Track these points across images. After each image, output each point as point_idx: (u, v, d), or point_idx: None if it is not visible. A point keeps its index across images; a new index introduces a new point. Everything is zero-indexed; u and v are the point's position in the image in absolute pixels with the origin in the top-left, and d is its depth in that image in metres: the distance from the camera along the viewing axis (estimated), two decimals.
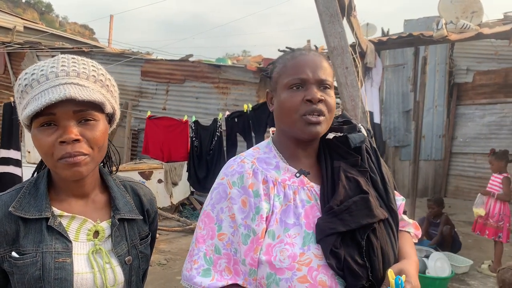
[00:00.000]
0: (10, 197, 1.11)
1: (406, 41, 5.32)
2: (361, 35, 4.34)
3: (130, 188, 1.30)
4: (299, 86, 1.21)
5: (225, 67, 9.02)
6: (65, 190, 1.16)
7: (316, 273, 1.10)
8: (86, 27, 41.87)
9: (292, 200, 1.18)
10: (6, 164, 4.92)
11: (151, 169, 7.69)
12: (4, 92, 10.96)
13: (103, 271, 1.13)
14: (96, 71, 1.13)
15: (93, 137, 1.09)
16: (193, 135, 5.70)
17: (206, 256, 1.17)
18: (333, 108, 1.24)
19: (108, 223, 1.19)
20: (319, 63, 1.24)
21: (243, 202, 1.16)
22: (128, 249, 1.20)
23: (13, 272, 1.06)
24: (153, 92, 9.60)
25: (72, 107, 1.05)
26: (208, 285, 1.13)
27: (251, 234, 1.14)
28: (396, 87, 10.05)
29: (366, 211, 1.16)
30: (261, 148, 1.30)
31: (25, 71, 1.11)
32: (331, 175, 1.23)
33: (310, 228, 1.15)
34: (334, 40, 3.03)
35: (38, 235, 1.08)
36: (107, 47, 13.35)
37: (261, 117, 5.41)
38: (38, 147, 1.08)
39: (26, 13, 33.54)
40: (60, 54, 1.15)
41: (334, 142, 1.31)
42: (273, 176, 1.21)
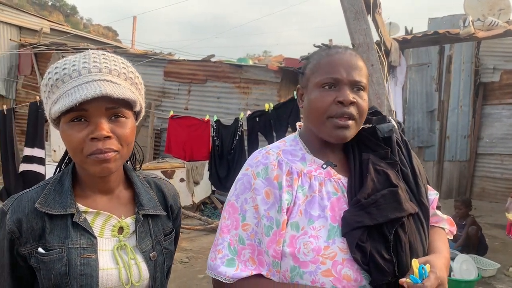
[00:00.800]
0: (36, 193, 1.11)
1: (432, 39, 5.23)
2: (385, 33, 4.29)
3: (154, 184, 1.30)
4: (331, 86, 1.18)
5: (246, 67, 9.03)
6: (90, 186, 1.16)
7: (341, 267, 1.08)
8: (110, 28, 42.57)
9: (318, 192, 1.16)
10: (30, 162, 5.02)
11: (173, 168, 7.76)
12: (31, 93, 11.22)
13: (128, 267, 1.13)
14: (126, 69, 1.13)
15: (123, 134, 1.08)
16: (215, 134, 5.72)
17: (230, 246, 1.16)
18: (365, 111, 1.20)
19: (132, 219, 1.19)
20: (355, 63, 1.19)
21: (267, 194, 1.15)
22: (153, 245, 1.19)
23: (40, 268, 1.06)
24: (176, 92, 9.69)
25: (105, 104, 1.04)
26: (232, 275, 1.13)
27: (274, 226, 1.13)
28: (420, 87, 9.89)
29: (395, 204, 1.13)
30: (287, 141, 1.28)
31: (54, 65, 1.10)
32: (359, 167, 1.20)
33: (336, 221, 1.13)
34: (359, 37, 2.99)
35: (63, 231, 1.08)
36: (131, 48, 13.53)
37: (282, 116, 5.40)
38: (67, 142, 1.07)
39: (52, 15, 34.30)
40: (90, 50, 1.14)
41: (363, 134, 1.27)
42: (299, 167, 1.19)
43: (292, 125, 5.30)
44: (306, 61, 1.29)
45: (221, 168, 5.64)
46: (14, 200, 1.11)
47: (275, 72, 8.61)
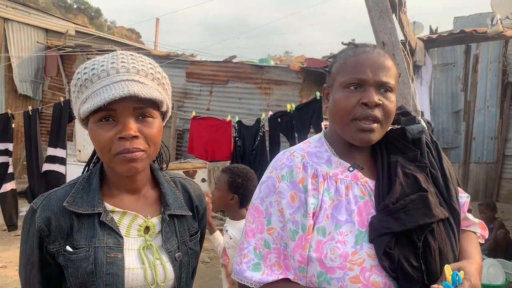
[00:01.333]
0: (64, 192, 1.13)
1: (458, 39, 5.12)
2: (410, 32, 4.21)
3: (179, 184, 1.30)
4: (356, 87, 1.14)
5: (267, 67, 9.02)
6: (117, 186, 1.17)
7: (369, 273, 1.04)
8: (133, 30, 43.18)
9: (344, 195, 1.12)
10: (52, 162, 5.10)
11: (195, 168, 7.81)
12: (57, 94, 11.48)
13: (154, 267, 1.12)
14: (153, 69, 1.13)
15: (150, 134, 1.09)
16: (236, 135, 5.73)
17: (256, 250, 1.14)
18: (392, 114, 1.15)
19: (158, 219, 1.19)
20: (382, 62, 1.15)
21: (292, 197, 1.13)
22: (178, 245, 1.19)
23: (68, 265, 1.08)
24: (198, 93, 9.76)
25: (132, 104, 1.05)
26: (258, 280, 1.11)
27: (300, 231, 1.10)
28: (445, 87, 9.70)
29: (424, 210, 1.08)
30: (312, 142, 1.25)
31: (83, 66, 1.11)
32: (387, 170, 1.16)
33: (364, 226, 1.09)
34: (384, 36, 2.94)
35: (91, 230, 1.09)
36: (153, 50, 13.70)
37: (304, 117, 5.35)
38: (95, 142, 1.08)
39: (77, 18, 35.00)
40: (118, 50, 1.14)
41: (391, 135, 1.23)
42: (324, 170, 1.16)
43: (314, 126, 5.25)
44: (333, 60, 1.26)
45: None
46: (44, 198, 1.12)
47: (297, 73, 8.57)
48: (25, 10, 11.45)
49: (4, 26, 10.89)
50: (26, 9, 11.55)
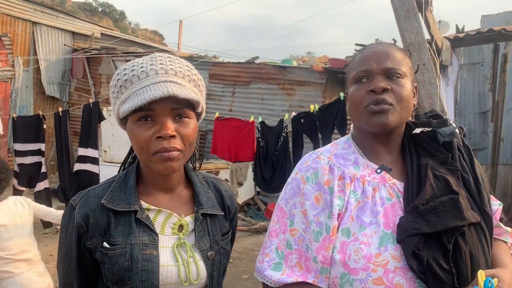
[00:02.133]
0: (102, 190, 1.16)
1: (486, 37, 5.01)
2: (436, 32, 4.14)
3: (212, 184, 1.32)
4: (364, 78, 1.17)
5: (290, 68, 9.01)
6: (153, 184, 1.19)
7: (393, 275, 1.03)
8: (156, 32, 43.75)
9: (371, 197, 1.12)
10: (83, 162, 5.22)
11: (217, 169, 7.85)
12: (83, 95, 11.73)
13: (187, 264, 1.15)
14: (190, 71, 1.16)
15: (187, 134, 1.11)
16: (259, 135, 5.73)
17: (278, 250, 1.15)
18: (404, 97, 1.14)
19: (191, 218, 1.21)
20: (387, 52, 1.18)
21: (316, 199, 1.13)
22: (211, 244, 1.21)
23: (104, 261, 1.10)
24: (220, 94, 9.81)
25: (170, 104, 1.08)
26: (278, 280, 1.12)
27: (324, 232, 1.10)
28: (472, 87, 9.48)
29: (455, 212, 1.07)
30: (339, 144, 1.25)
31: (123, 67, 1.15)
32: (417, 172, 1.15)
33: (389, 227, 1.08)
34: (411, 36, 2.90)
35: (127, 227, 1.12)
36: (177, 52, 13.84)
37: (327, 118, 5.32)
38: (134, 141, 1.12)
39: (102, 21, 35.67)
40: (156, 53, 1.18)
41: (421, 138, 1.22)
42: (351, 172, 1.16)
43: (338, 127, 5.21)
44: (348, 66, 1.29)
45: (266, 170, 5.64)
46: (82, 196, 1.16)
47: (320, 73, 8.53)
48: (53, 13, 11.76)
49: (33, 30, 11.20)
50: (54, 12, 11.85)
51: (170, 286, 1.13)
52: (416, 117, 1.30)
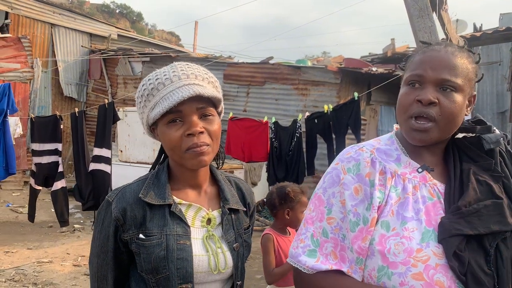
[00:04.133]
0: (137, 186, 1.26)
1: (503, 36, 4.92)
2: (452, 30, 4.08)
3: (234, 183, 1.43)
4: (416, 83, 1.13)
5: (305, 68, 8.99)
6: (182, 181, 1.29)
7: (434, 272, 1.02)
8: (173, 33, 44.06)
9: (412, 195, 1.11)
10: (98, 161, 5.30)
11: (231, 169, 7.88)
12: (100, 96, 11.90)
13: (216, 255, 1.24)
14: (207, 74, 1.28)
15: (213, 130, 1.23)
16: (273, 136, 5.73)
17: (313, 237, 1.15)
18: (451, 115, 1.10)
19: (218, 212, 1.31)
20: (447, 60, 1.11)
21: (356, 190, 1.12)
22: (235, 237, 1.31)
23: (140, 252, 1.19)
24: (235, 94, 9.84)
25: (196, 104, 1.19)
26: (312, 266, 1.11)
27: (361, 223, 1.09)
28: (489, 86, 9.34)
29: (498, 217, 1.05)
30: (382, 140, 1.24)
31: (147, 78, 1.26)
32: (459, 176, 1.13)
33: (431, 225, 1.07)
34: (424, 35, 2.86)
35: (162, 219, 1.21)
36: (192, 53, 13.93)
37: (341, 118, 5.29)
38: (166, 141, 1.22)
39: (119, 22, 36.12)
40: (175, 62, 1.29)
41: (464, 143, 1.20)
42: (392, 168, 1.15)
43: (352, 127, 5.18)
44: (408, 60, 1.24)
45: (279, 170, 5.64)
46: (118, 192, 1.26)
47: (335, 73, 8.49)
48: (71, 15, 11.96)
49: (52, 32, 11.40)
50: (72, 14, 12.05)
51: (201, 274, 1.22)
52: None
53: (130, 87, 11.33)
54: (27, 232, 6.65)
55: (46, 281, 4.73)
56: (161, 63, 10.90)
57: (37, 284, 4.66)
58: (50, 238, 6.36)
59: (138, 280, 1.24)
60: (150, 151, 7.49)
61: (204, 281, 1.24)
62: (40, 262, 5.28)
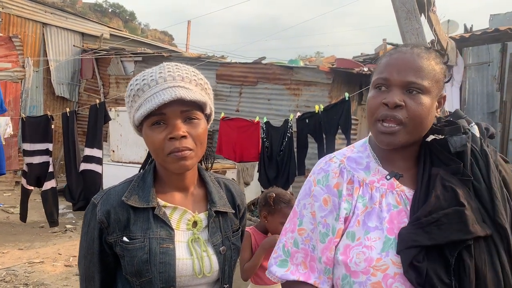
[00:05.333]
0: (122, 188, 1.25)
1: (492, 37, 4.99)
2: (440, 32, 4.13)
3: (223, 184, 1.41)
4: (383, 87, 1.12)
5: (297, 68, 9.01)
6: (168, 183, 1.28)
7: (392, 281, 1.04)
8: (166, 33, 43.92)
9: (378, 203, 1.12)
10: (88, 162, 5.29)
11: (224, 169, 7.89)
12: (92, 95, 11.85)
13: (201, 258, 1.23)
14: (196, 76, 1.25)
15: (197, 134, 1.20)
16: (264, 136, 5.75)
17: (284, 247, 1.19)
18: (419, 117, 1.09)
19: (205, 215, 1.30)
20: (413, 62, 1.11)
21: (325, 201, 1.15)
22: (222, 239, 1.30)
23: (124, 255, 1.19)
24: (227, 94, 9.85)
25: (180, 107, 1.17)
26: (281, 276, 1.16)
27: (330, 233, 1.12)
28: (480, 87, 9.42)
29: (459, 225, 1.02)
30: (356, 147, 1.25)
31: (135, 78, 1.25)
32: (427, 182, 1.12)
33: (393, 233, 1.08)
34: (411, 37, 2.90)
35: (145, 222, 1.20)
36: (185, 52, 13.91)
37: (332, 118, 5.31)
38: (150, 144, 1.21)
39: (112, 21, 35.93)
40: (165, 62, 1.27)
41: (435, 146, 1.18)
42: (361, 176, 1.16)
43: (342, 127, 5.21)
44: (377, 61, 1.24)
45: (270, 170, 5.65)
46: (104, 194, 1.25)
47: (327, 73, 8.52)
48: (63, 15, 11.89)
49: (43, 31, 11.33)
50: (63, 14, 11.98)
51: (185, 278, 1.21)
52: (437, 120, 1.23)
53: (122, 87, 11.29)
54: (18, 232, 6.61)
55: (37, 282, 4.72)
56: (153, 63, 10.87)
57: (28, 285, 4.64)
58: (41, 239, 6.33)
59: (124, 282, 1.24)
60: (143, 151, 7.47)
61: (189, 285, 1.23)
62: (31, 263, 5.26)
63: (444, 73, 1.18)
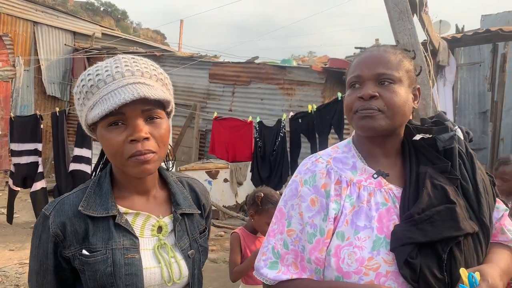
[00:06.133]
0: (77, 197, 1.13)
1: (483, 38, 5.02)
2: (433, 32, 4.15)
3: (186, 184, 1.32)
4: (356, 84, 1.17)
5: (290, 68, 9.03)
6: (128, 188, 1.17)
7: (385, 279, 1.05)
8: (158, 32, 43.76)
9: (366, 202, 1.13)
10: (78, 162, 5.26)
11: (217, 168, 7.88)
12: None
13: (169, 265, 1.15)
14: (156, 70, 1.14)
15: (160, 135, 1.10)
16: (257, 135, 5.74)
17: (274, 249, 1.18)
18: (395, 103, 1.12)
19: (170, 218, 1.21)
20: (380, 57, 1.16)
21: (312, 201, 1.15)
22: (190, 243, 1.22)
23: (85, 269, 1.08)
24: (220, 94, 9.83)
25: (141, 106, 1.06)
26: (273, 277, 1.15)
27: (318, 234, 1.12)
28: (471, 87, 9.49)
29: (451, 222, 1.06)
30: (340, 147, 1.26)
31: (87, 73, 1.11)
32: (415, 180, 1.15)
33: (382, 232, 1.09)
34: (404, 38, 2.91)
35: (106, 232, 1.10)
36: (178, 51, 13.87)
37: (325, 118, 5.32)
38: (107, 146, 1.09)
39: (104, 20, 35.69)
40: (120, 55, 1.15)
41: (422, 145, 1.21)
42: (348, 176, 1.17)
43: (335, 127, 5.22)
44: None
45: (263, 169, 5.65)
46: (56, 204, 1.13)
47: (319, 73, 8.54)
48: (54, 13, 11.79)
49: (34, 30, 11.24)
50: (55, 12, 11.89)
51: (154, 287, 1.13)
52: (421, 121, 1.28)
53: None
54: (8, 233, 6.55)
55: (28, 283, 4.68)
56: None
57: (19, 286, 4.60)
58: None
59: None
60: None
61: None
62: (22, 264, 5.21)
63: (413, 66, 1.22)
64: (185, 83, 10.27)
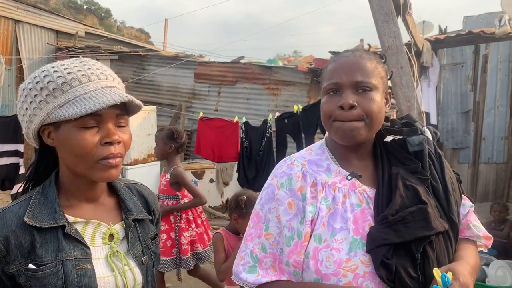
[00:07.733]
0: (20, 207, 1.08)
1: (465, 39, 5.10)
2: (417, 34, 4.20)
3: (135, 190, 1.31)
4: (335, 91, 1.18)
5: (276, 68, 9.04)
6: (76, 196, 1.14)
7: (362, 279, 1.07)
8: (142, 31, 43.40)
9: (341, 204, 1.15)
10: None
11: (203, 169, 7.85)
12: None
13: (123, 273, 1.13)
14: (113, 73, 1.15)
15: (127, 140, 1.12)
16: (243, 136, 5.74)
17: (252, 253, 1.19)
18: (373, 111, 1.15)
19: (121, 225, 1.19)
20: (358, 64, 1.17)
21: (289, 204, 1.16)
22: (143, 249, 1.21)
23: (31, 285, 1.03)
24: (206, 93, 9.80)
25: (116, 111, 1.07)
26: (253, 281, 1.16)
27: (296, 237, 1.13)
28: (454, 87, 9.62)
29: (423, 223, 1.11)
30: (313, 150, 1.28)
31: (52, 69, 1.08)
32: (388, 181, 1.18)
33: (358, 233, 1.12)
34: (389, 40, 2.94)
35: (55, 244, 1.05)
36: (162, 51, 13.77)
37: (311, 118, 5.35)
38: (76, 147, 1.05)
39: (87, 18, 35.24)
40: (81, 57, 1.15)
41: (393, 146, 1.25)
42: (323, 179, 1.18)
43: (321, 127, 5.25)
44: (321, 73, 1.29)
45: (250, 170, 5.65)
46: None
47: (305, 73, 8.57)
48: (36, 11, 11.60)
49: (15, 28, 11.04)
50: (36, 10, 11.69)
51: None
52: (392, 122, 1.31)
53: None
54: None
55: None
56: (130, 62, 10.74)
57: None
58: None
59: None
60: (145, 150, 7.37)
61: None
62: None
63: (385, 71, 1.25)
64: (170, 82, 10.21)
